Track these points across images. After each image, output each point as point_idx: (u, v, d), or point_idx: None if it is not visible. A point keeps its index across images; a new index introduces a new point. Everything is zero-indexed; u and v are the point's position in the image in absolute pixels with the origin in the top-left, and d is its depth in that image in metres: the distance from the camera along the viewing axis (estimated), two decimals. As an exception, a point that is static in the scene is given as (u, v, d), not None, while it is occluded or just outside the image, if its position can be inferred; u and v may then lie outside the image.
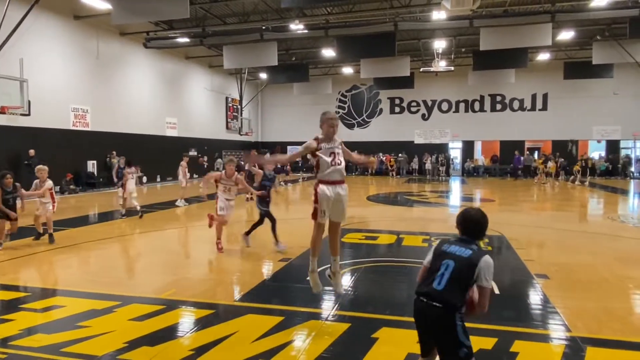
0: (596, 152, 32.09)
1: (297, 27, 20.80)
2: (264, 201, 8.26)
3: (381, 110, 35.38)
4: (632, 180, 28.59)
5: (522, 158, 30.53)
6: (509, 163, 31.24)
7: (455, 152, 34.70)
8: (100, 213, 13.50)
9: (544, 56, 27.57)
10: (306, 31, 21.10)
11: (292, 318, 4.87)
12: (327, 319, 4.85)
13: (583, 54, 25.76)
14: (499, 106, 32.94)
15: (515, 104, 32.56)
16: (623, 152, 31.40)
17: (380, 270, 7.05)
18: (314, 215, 4.75)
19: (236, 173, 8.16)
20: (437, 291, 2.86)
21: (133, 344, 4.22)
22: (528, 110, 32.32)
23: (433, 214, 14.31)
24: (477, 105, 33.34)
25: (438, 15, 18.88)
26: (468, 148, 34.12)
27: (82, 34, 20.31)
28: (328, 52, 25.03)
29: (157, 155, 24.80)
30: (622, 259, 7.78)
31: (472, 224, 3.10)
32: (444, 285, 2.86)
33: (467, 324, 2.92)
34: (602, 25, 22.29)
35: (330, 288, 5.65)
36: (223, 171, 8.24)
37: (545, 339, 4.41)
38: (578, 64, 26.52)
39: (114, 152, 20.68)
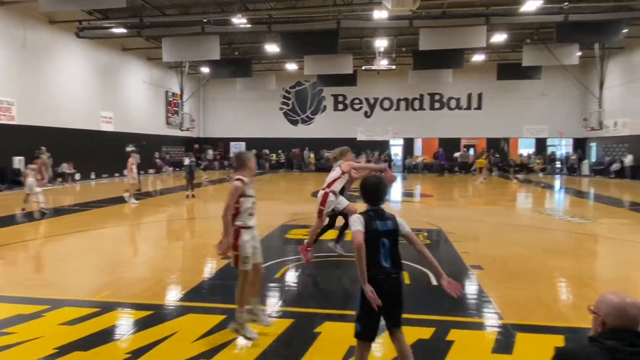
0: (525, 150, 34.02)
1: (239, 21, 20.49)
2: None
3: (325, 107, 35.64)
4: (556, 175, 30.56)
5: (456, 154, 31.97)
6: (448, 160, 32.51)
7: (397, 149, 35.61)
8: (29, 212, 12.69)
9: (479, 57, 28.85)
10: (249, 25, 20.84)
11: (235, 316, 4.80)
12: (270, 316, 4.82)
13: (515, 56, 27.19)
14: (437, 105, 34.14)
15: (453, 103, 33.88)
16: (549, 150, 33.51)
17: (323, 265, 7.10)
18: (236, 263, 4.35)
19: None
20: (389, 267, 3.16)
21: (64, 350, 4.00)
22: (464, 109, 33.75)
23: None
24: (417, 104, 34.37)
25: (379, 15, 19.25)
26: (409, 145, 35.12)
27: (6, 21, 18.93)
28: (272, 48, 24.88)
29: (91, 151, 23.64)
30: (549, 249, 8.30)
31: (373, 190, 3.30)
32: (390, 260, 3.17)
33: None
34: (531, 29, 23.63)
35: (275, 284, 5.64)
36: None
37: (479, 327, 4.63)
38: (510, 65, 27.98)
39: (44, 148, 19.49)
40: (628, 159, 26.14)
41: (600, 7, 19.17)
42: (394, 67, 28.38)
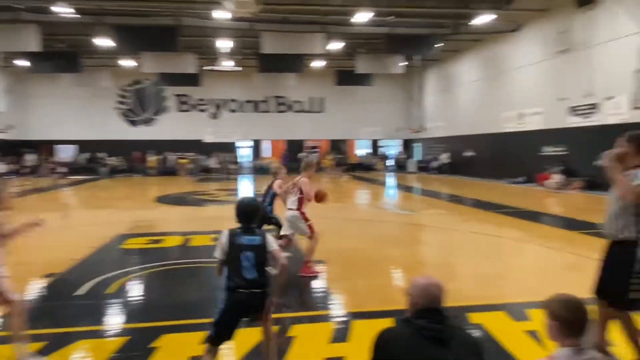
0: (363, 150, 36.91)
1: (63, 9, 18.34)
2: None
3: (168, 107, 33.98)
4: (387, 173, 33.79)
5: (300, 155, 33.24)
6: (295, 160, 33.54)
7: (245, 150, 35.63)
8: None
9: (319, 63, 30.35)
10: (76, 16, 18.79)
11: (59, 341, 4.27)
12: (102, 336, 4.40)
13: (351, 64, 29.27)
14: (283, 107, 35.06)
15: (297, 106, 35.14)
16: (382, 150, 36.87)
17: (164, 274, 6.74)
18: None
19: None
20: (252, 280, 3.22)
21: None
22: (308, 112, 35.26)
23: (223, 211, 14.38)
24: (263, 106, 34.84)
25: (221, 15, 19.01)
26: (257, 147, 35.41)
27: None
28: (104, 42, 22.79)
29: None
30: (384, 240, 9.12)
31: (245, 212, 3.47)
32: (254, 272, 3.24)
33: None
34: (363, 39, 25.65)
35: (110, 300, 5.18)
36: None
37: (319, 319, 4.85)
38: (347, 72, 29.99)
39: None
40: (445, 157, 30.11)
41: (419, 22, 21.68)
42: (240, 68, 28.31)
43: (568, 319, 2.05)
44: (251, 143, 35.32)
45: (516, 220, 11.52)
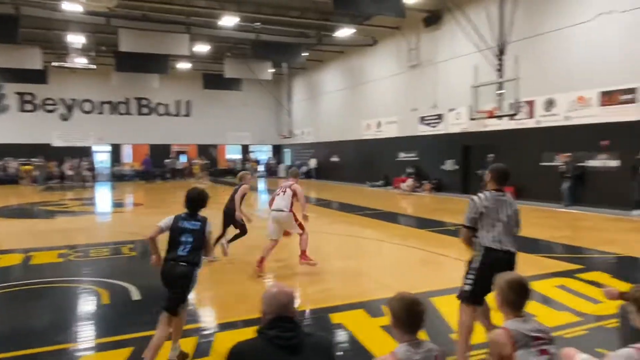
0: (234, 155, 36.42)
1: None
2: None
3: (7, 106, 29.75)
4: (258, 178, 33.86)
5: (166, 161, 31.75)
6: (160, 166, 31.82)
7: (102, 155, 32.75)
8: None
9: (185, 65, 29.26)
10: None
11: None
12: None
13: (218, 67, 28.71)
14: (145, 110, 33.01)
15: (161, 109, 33.37)
16: (253, 155, 36.80)
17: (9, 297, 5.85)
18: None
19: None
20: (184, 256, 3.86)
21: None
22: (174, 115, 33.70)
23: (76, 223, 13.02)
24: (123, 108, 32.41)
25: (72, 7, 17.26)
26: (117, 152, 32.78)
27: None
28: None
29: None
30: (250, 247, 9.02)
31: (191, 201, 4.16)
32: (187, 251, 3.88)
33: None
34: (231, 43, 25.38)
35: None
36: None
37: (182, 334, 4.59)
38: (215, 75, 29.36)
39: None
40: (313, 162, 31.12)
41: (285, 31, 22.14)
42: (94, 66, 25.98)
43: (402, 317, 2.22)
44: (109, 148, 32.58)
45: (376, 221, 12.33)
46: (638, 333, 2.33)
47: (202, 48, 24.41)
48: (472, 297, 3.86)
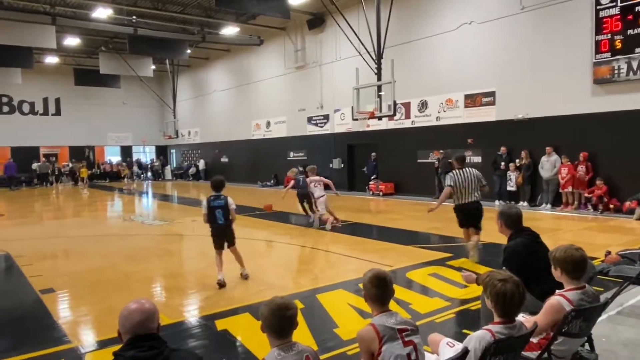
0: (114, 157, 33.93)
1: None
2: None
3: None
4: (141, 181, 31.96)
5: (34, 165, 28.55)
6: (25, 171, 28.50)
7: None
8: None
9: (52, 59, 26.56)
10: None
11: None
12: None
13: (92, 62, 26.52)
14: (6, 108, 29.33)
15: (26, 107, 29.92)
16: (135, 156, 34.64)
17: None
18: None
19: None
20: (222, 222, 6.32)
21: None
22: (41, 114, 30.38)
23: None
24: (-23, 106, 28.48)
25: None
26: (-30, 156, 28.66)
27: None
28: None
29: None
30: (129, 256, 8.45)
31: (216, 184, 6.47)
32: (222, 219, 6.31)
33: None
34: (106, 37, 23.59)
35: None
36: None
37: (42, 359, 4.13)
38: (88, 71, 27.09)
39: None
40: (201, 163, 30.16)
41: (165, 26, 21.13)
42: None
43: (272, 321, 2.22)
44: (-39, 151, 28.40)
45: (266, 222, 12.29)
46: (492, 315, 2.58)
47: (72, 41, 22.38)
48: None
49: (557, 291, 3.00)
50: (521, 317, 2.76)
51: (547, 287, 3.34)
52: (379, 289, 2.54)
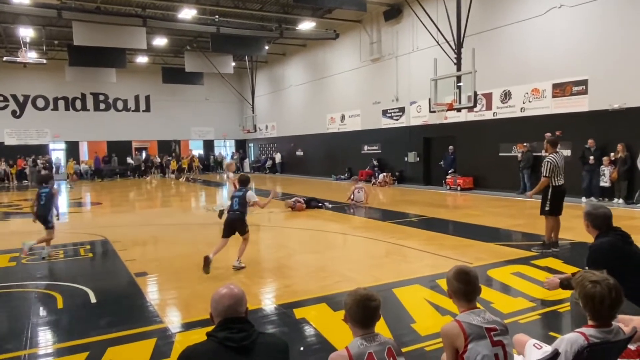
0: (197, 150, 35.80)
1: None
2: None
3: (-49, 103, 28.27)
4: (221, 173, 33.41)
5: (130, 160, 30.99)
6: (120, 163, 31.02)
7: (58, 153, 31.56)
8: None
9: (142, 59, 28.48)
10: None
11: None
12: None
13: (178, 61, 28.10)
14: (102, 105, 31.97)
15: (120, 104, 32.41)
16: (216, 150, 36.30)
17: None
18: None
19: None
20: (235, 209, 6.85)
21: None
22: (132, 110, 32.78)
23: (30, 225, 12.47)
24: (78, 104, 31.27)
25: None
26: (73, 149, 31.60)
27: None
28: None
29: None
30: (212, 244, 8.88)
31: (242, 180, 7.18)
32: (237, 206, 6.85)
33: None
34: (190, 36, 24.87)
35: None
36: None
37: (138, 337, 4.47)
38: (174, 69, 28.72)
39: None
40: (277, 157, 30.96)
41: (245, 24, 21.85)
42: (44, 61, 24.90)
43: (355, 311, 2.24)
44: (64, 145, 31.38)
45: (340, 215, 12.39)
46: (585, 317, 2.43)
47: (161, 41, 23.85)
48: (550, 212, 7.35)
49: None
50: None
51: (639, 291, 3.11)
52: (463, 284, 2.47)
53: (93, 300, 5.48)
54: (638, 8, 12.04)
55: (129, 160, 31.16)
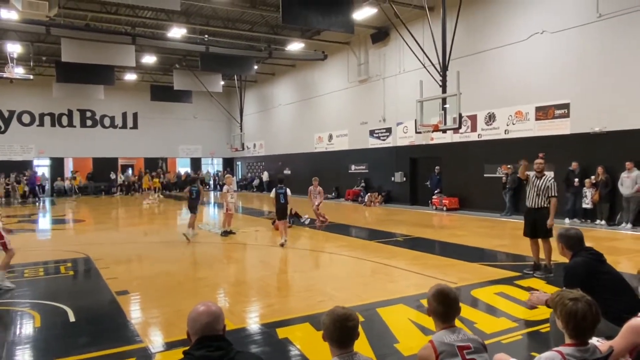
0: (183, 168, 35.62)
1: None
2: None
3: None
4: (212, 191, 33.23)
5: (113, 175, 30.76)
6: (104, 180, 30.72)
7: (43, 169, 31.14)
8: None
9: (131, 76, 28.49)
10: None
11: None
12: None
13: (167, 79, 28.16)
14: (89, 122, 31.76)
15: (107, 121, 32.23)
16: (204, 168, 36.18)
17: None
18: None
19: None
20: (284, 203, 10.37)
21: None
22: (120, 127, 32.59)
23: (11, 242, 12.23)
24: (65, 120, 31.03)
25: (8, 15, 16.45)
26: (58, 165, 31.25)
27: None
28: None
29: None
30: (196, 262, 8.83)
31: (280, 180, 10.99)
32: (284, 200, 10.33)
33: None
34: (180, 55, 25.00)
35: None
36: None
37: (116, 357, 4.38)
38: (163, 87, 28.77)
39: None
40: (265, 175, 30.93)
41: (234, 44, 22.06)
42: (31, 77, 24.73)
43: (333, 331, 2.24)
44: (49, 162, 31.01)
45: (326, 234, 12.37)
46: (563, 337, 2.45)
47: (150, 59, 23.90)
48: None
49: (640, 313, 2.81)
50: (596, 342, 2.59)
51: (614, 308, 3.20)
52: (441, 306, 2.49)
53: (72, 319, 5.37)
54: (616, 35, 12.44)
55: (113, 176, 30.87)
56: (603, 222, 12.53)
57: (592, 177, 12.79)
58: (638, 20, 11.95)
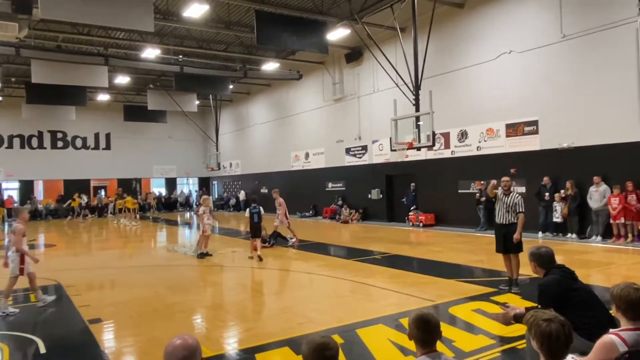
0: (157, 189, 35.08)
1: None
2: None
3: None
4: (189, 213, 32.77)
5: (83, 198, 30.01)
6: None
7: (11, 192, 30.23)
8: None
9: (104, 97, 28.12)
10: None
11: None
12: None
13: (140, 99, 27.86)
14: (60, 143, 31.10)
15: (79, 142, 31.62)
16: (179, 188, 35.72)
17: None
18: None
19: None
20: (257, 222, 11.43)
21: None
22: (92, 149, 32.01)
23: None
24: (35, 142, 30.31)
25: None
26: (27, 188, 30.37)
27: None
28: None
29: None
30: (172, 287, 8.65)
31: (254, 199, 12.42)
32: (258, 219, 11.43)
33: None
34: (154, 75, 24.83)
35: None
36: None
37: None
38: (136, 107, 28.45)
39: None
40: (242, 194, 30.71)
41: (209, 64, 22.06)
42: (1, 98, 24.21)
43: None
44: (18, 184, 30.15)
45: (304, 253, 12.32)
46: (538, 354, 2.49)
47: (123, 80, 23.67)
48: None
49: (611, 330, 2.88)
50: (570, 359, 2.65)
51: (587, 325, 3.29)
52: (422, 332, 2.51)
53: (43, 350, 5.18)
54: (580, 55, 12.95)
55: (85, 198, 30.06)
56: (574, 235, 12.84)
57: (562, 191, 13.14)
58: (600, 40, 12.48)
